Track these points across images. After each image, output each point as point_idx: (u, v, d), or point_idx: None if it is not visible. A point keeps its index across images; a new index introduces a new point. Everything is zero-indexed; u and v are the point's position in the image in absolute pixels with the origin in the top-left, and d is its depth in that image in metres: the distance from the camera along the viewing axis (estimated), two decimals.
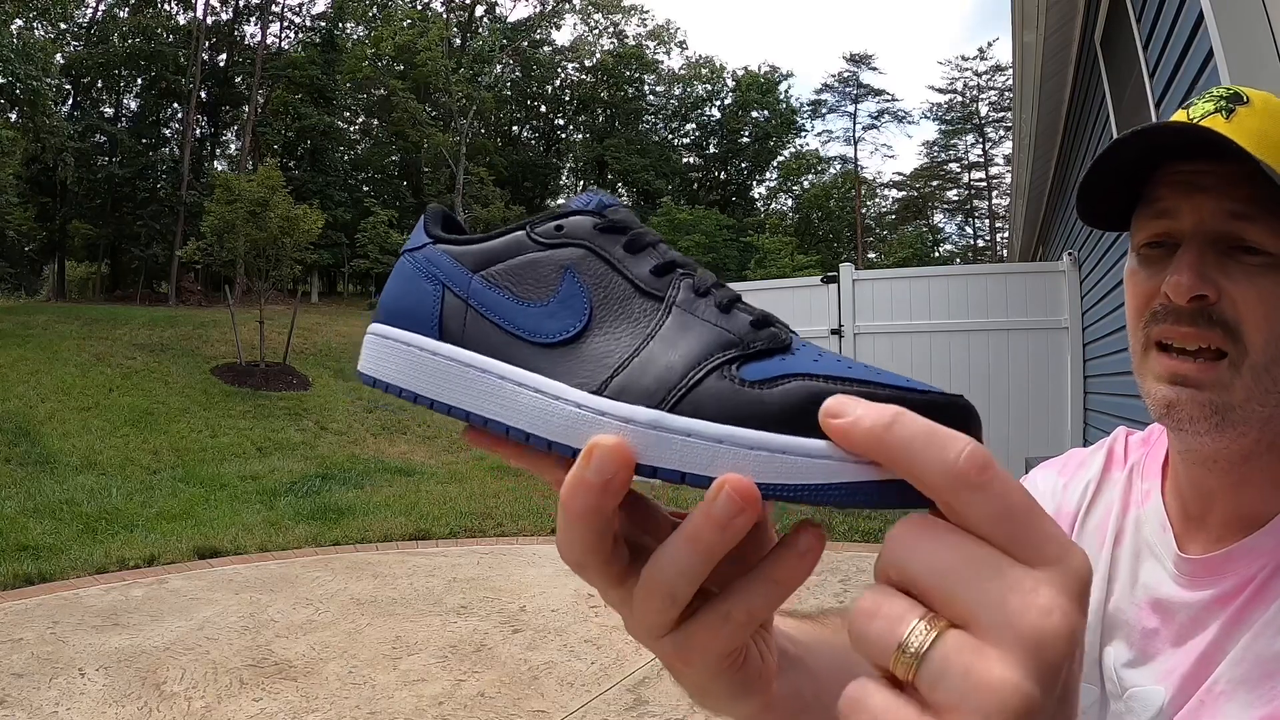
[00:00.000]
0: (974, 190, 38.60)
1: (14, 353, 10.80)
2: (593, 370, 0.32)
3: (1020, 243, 10.06)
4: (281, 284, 14.07)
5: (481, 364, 0.34)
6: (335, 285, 30.68)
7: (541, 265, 0.35)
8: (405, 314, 0.37)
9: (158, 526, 6.05)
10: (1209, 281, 0.54)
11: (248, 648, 3.66)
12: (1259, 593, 0.55)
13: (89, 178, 24.65)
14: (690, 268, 0.35)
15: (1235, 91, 0.59)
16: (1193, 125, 0.54)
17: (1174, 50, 2.62)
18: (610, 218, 0.36)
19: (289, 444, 9.53)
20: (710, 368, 0.30)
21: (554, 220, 0.36)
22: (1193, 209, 0.56)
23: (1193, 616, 0.59)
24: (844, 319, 7.02)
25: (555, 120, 38.91)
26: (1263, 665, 0.52)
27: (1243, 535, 0.58)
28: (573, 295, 0.34)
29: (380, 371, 0.37)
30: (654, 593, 0.30)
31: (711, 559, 0.28)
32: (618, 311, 0.33)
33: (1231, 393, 0.54)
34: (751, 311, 0.33)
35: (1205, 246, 0.55)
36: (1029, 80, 5.57)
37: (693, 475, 0.29)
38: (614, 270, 0.34)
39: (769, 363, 0.30)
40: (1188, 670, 0.58)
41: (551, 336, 0.33)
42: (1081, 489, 0.73)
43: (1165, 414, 0.56)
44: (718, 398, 0.29)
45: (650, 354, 0.31)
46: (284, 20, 30.25)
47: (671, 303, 0.33)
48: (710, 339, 0.31)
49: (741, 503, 0.27)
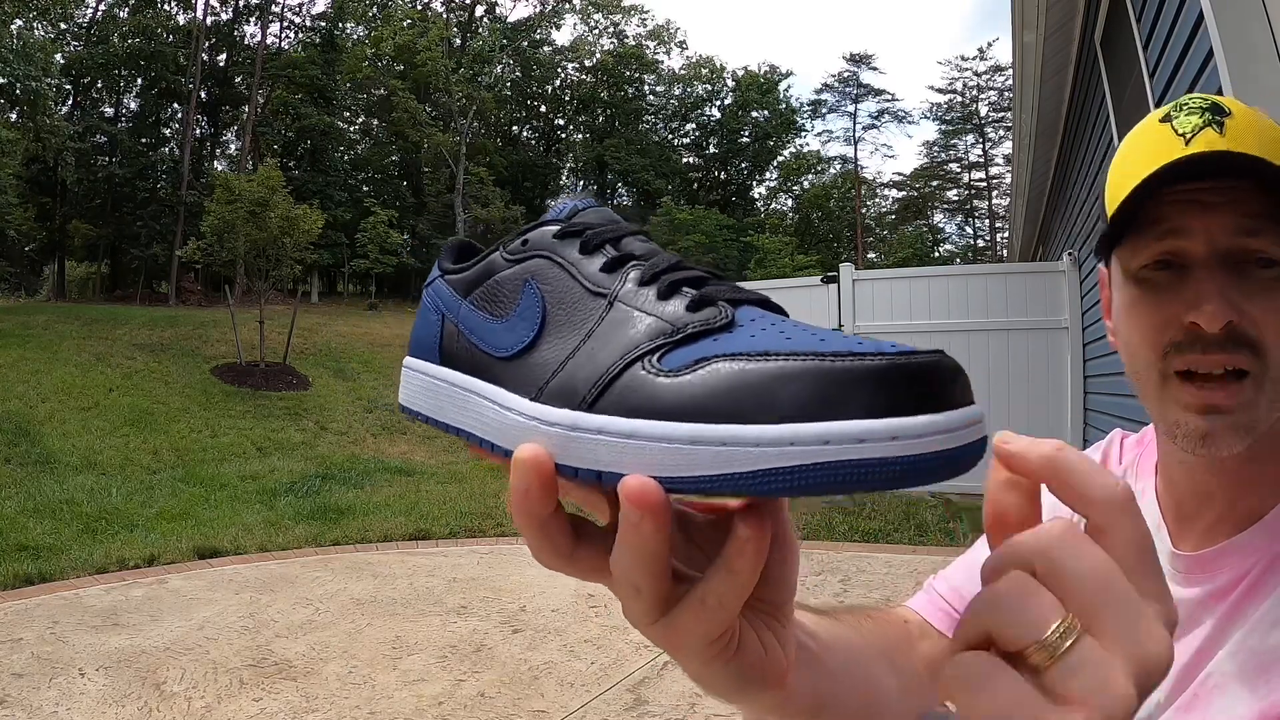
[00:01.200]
0: (974, 190, 38.61)
1: (14, 353, 10.80)
2: (535, 377, 0.32)
3: (1020, 243, 10.07)
4: (281, 284, 14.07)
5: (463, 383, 0.36)
6: (335, 285, 30.67)
7: (508, 282, 0.36)
8: (421, 344, 0.39)
9: (158, 526, 6.05)
10: (1234, 307, 0.53)
11: (248, 648, 3.66)
12: (1253, 588, 0.56)
13: (89, 178, 24.66)
14: (646, 258, 0.34)
15: (1213, 102, 0.57)
16: (1220, 153, 0.53)
17: (1174, 50, 2.62)
18: (573, 221, 0.36)
19: (289, 444, 9.53)
20: (632, 359, 0.29)
21: (522, 235, 0.37)
22: (1204, 228, 0.54)
23: (1187, 613, 0.59)
24: (844, 319, 7.02)
25: (555, 120, 38.91)
26: (1257, 659, 0.52)
27: (1236, 531, 0.58)
28: (529, 307, 0.34)
29: (408, 399, 0.39)
30: (621, 587, 0.31)
31: (649, 557, 0.28)
32: (567, 316, 0.33)
33: (1257, 410, 0.54)
34: (697, 293, 0.31)
35: (1223, 271, 0.54)
36: (1029, 80, 5.57)
37: (608, 474, 0.28)
38: (567, 274, 0.34)
39: (696, 346, 0.29)
40: (1182, 665, 0.58)
41: (509, 349, 0.34)
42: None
43: (1200, 445, 0.55)
44: (633, 390, 0.28)
45: (584, 353, 0.31)
46: (284, 20, 30.26)
47: (614, 297, 0.32)
48: (642, 329, 0.30)
49: (640, 507, 0.27)
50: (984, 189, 38.10)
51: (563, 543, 0.31)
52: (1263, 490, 0.58)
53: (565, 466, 0.29)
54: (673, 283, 0.32)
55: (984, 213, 39.01)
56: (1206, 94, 0.58)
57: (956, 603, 0.72)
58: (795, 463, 0.24)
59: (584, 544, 0.32)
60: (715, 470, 0.25)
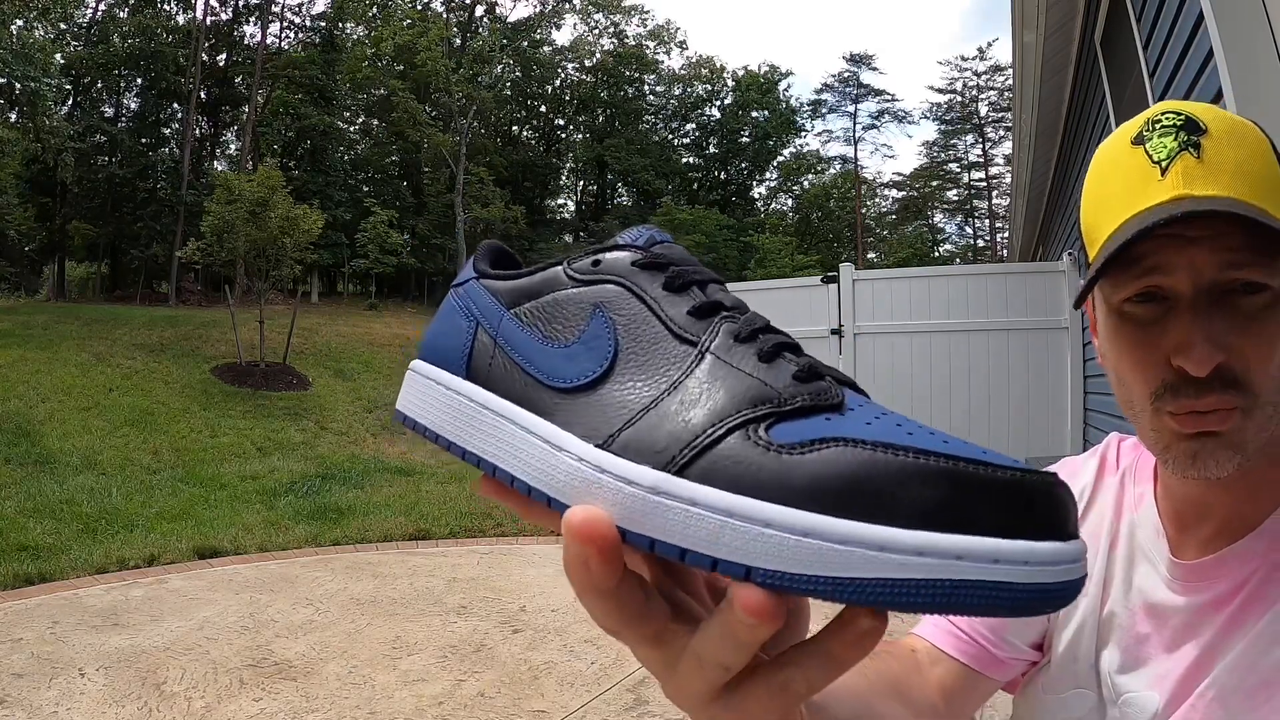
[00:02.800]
0: (974, 190, 38.60)
1: (14, 353, 10.80)
2: (603, 420, 0.28)
3: (1020, 243, 10.06)
4: (281, 284, 14.07)
5: (497, 406, 0.31)
6: (335, 285, 30.66)
7: (572, 303, 0.32)
8: (439, 350, 0.35)
9: (158, 526, 6.05)
10: (1222, 347, 0.52)
11: (248, 648, 3.66)
12: (1253, 598, 0.55)
13: (89, 178, 24.63)
14: (736, 311, 0.31)
15: (1187, 117, 0.55)
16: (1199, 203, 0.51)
17: (1174, 50, 2.62)
18: (655, 253, 0.33)
19: (289, 444, 9.53)
20: (733, 425, 0.26)
21: (593, 255, 0.33)
22: (1187, 265, 0.53)
23: (1186, 621, 0.59)
24: (844, 319, 7.01)
25: (555, 120, 38.89)
26: (1258, 674, 0.52)
27: (1235, 539, 0.58)
28: (598, 337, 0.31)
29: (413, 410, 0.35)
30: (700, 664, 0.27)
31: (749, 649, 0.26)
32: (645, 356, 0.30)
33: (1246, 433, 0.53)
34: (800, 362, 0.29)
35: (1209, 310, 0.53)
36: (1029, 80, 5.57)
37: (694, 554, 0.25)
38: (648, 310, 0.31)
39: (808, 422, 0.26)
40: (1181, 676, 0.58)
41: (569, 381, 0.30)
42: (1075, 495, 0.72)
43: (1190, 465, 0.55)
44: (736, 461, 0.25)
45: (670, 405, 0.27)
46: (284, 20, 30.23)
47: (705, 349, 0.29)
48: (742, 391, 0.27)
49: (759, 620, 0.24)
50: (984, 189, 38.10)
51: (633, 605, 0.27)
52: (1258, 494, 0.58)
53: (639, 535, 0.26)
54: (775, 345, 0.29)
55: (984, 213, 39.02)
56: (1182, 105, 0.56)
57: (964, 624, 0.72)
58: (923, 576, 0.22)
59: (652, 604, 0.28)
60: (831, 572, 0.23)
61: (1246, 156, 0.53)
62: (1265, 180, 0.53)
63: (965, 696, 0.71)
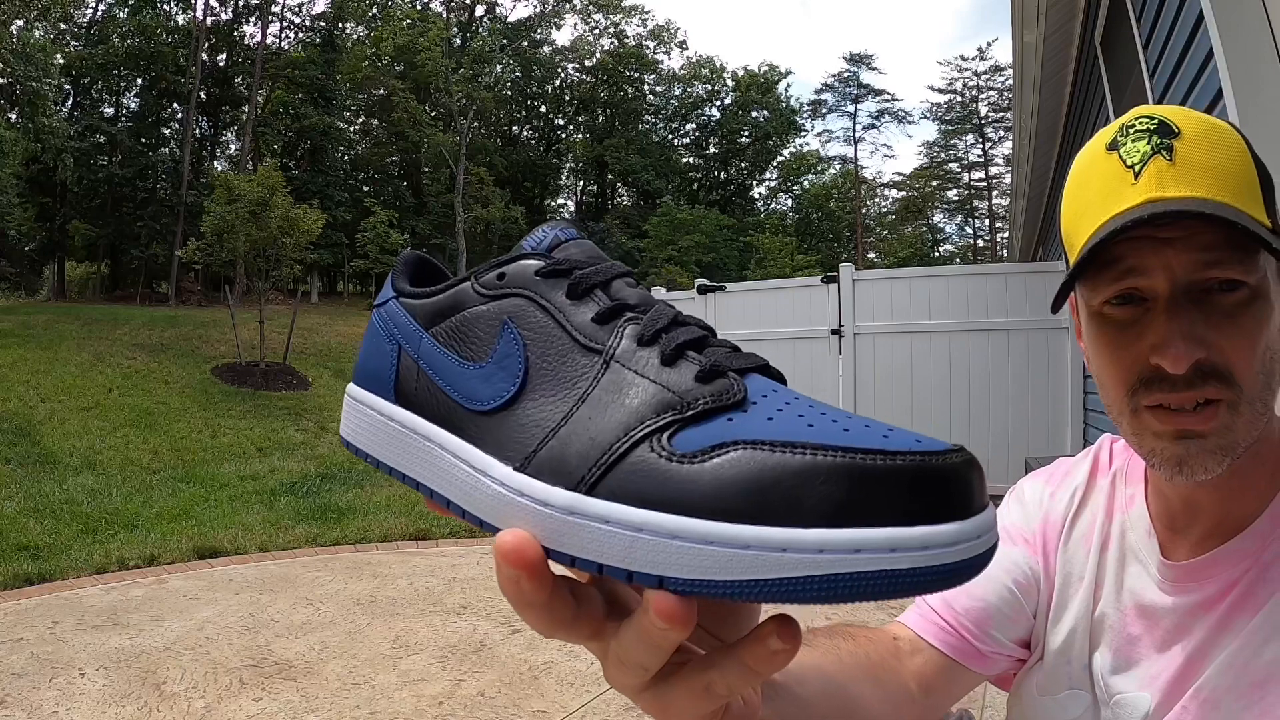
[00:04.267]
0: (974, 190, 38.61)
1: (14, 353, 10.80)
2: (520, 441, 0.28)
3: (1020, 243, 10.07)
4: (281, 284, 14.07)
5: (425, 431, 0.31)
6: (335, 285, 30.68)
7: (482, 320, 0.31)
8: (370, 374, 0.34)
9: (158, 526, 6.05)
10: (1199, 343, 0.52)
11: (248, 648, 3.66)
12: (1243, 598, 0.56)
13: (89, 178, 24.63)
14: (641, 310, 0.30)
15: (1160, 121, 0.55)
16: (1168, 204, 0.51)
17: (1174, 50, 2.62)
18: (557, 258, 0.32)
19: (289, 444, 9.53)
20: (638, 437, 0.26)
21: (497, 268, 0.32)
22: (1163, 265, 0.54)
23: (1177, 622, 0.59)
24: (844, 319, 7.01)
25: (555, 120, 38.89)
26: (1250, 674, 0.52)
27: (1225, 539, 0.58)
28: (509, 354, 0.30)
29: (350, 434, 0.35)
30: (622, 663, 0.29)
31: (666, 650, 0.28)
32: (554, 371, 0.29)
33: (1234, 432, 0.53)
34: (703, 360, 0.28)
35: (1186, 307, 0.53)
36: (1029, 80, 5.57)
37: (610, 568, 0.25)
38: (553, 321, 0.30)
39: (709, 426, 0.26)
40: (1172, 675, 0.58)
41: (485, 403, 0.30)
42: (1068, 497, 0.73)
43: (1177, 470, 0.55)
44: (643, 475, 0.25)
45: (578, 421, 0.27)
46: (284, 20, 30.24)
47: (610, 357, 0.29)
48: (645, 400, 0.27)
49: (671, 623, 0.25)
50: (984, 189, 38.11)
51: (564, 614, 0.29)
52: (1247, 495, 0.58)
53: (559, 553, 0.26)
54: (678, 346, 0.29)
55: (984, 213, 39.02)
56: (1157, 109, 0.57)
57: (948, 615, 0.72)
58: (824, 571, 0.23)
59: (584, 607, 0.30)
60: (739, 575, 0.23)
61: (1221, 158, 0.54)
62: (1238, 180, 0.53)
63: (945, 687, 0.70)
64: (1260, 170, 0.55)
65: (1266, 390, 0.54)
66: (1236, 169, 0.54)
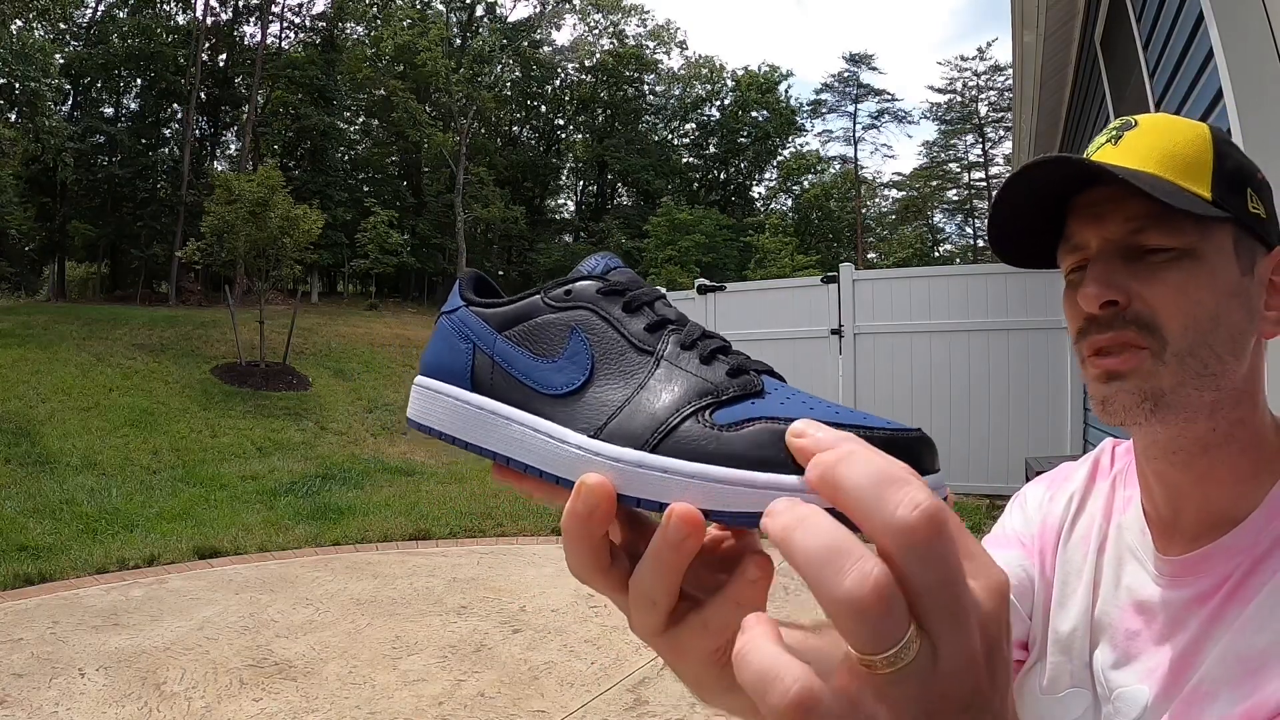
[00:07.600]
0: (974, 190, 38.57)
1: (14, 353, 10.80)
2: (593, 416, 0.37)
3: None
4: (281, 284, 14.08)
5: (505, 412, 0.39)
6: (335, 285, 30.66)
7: (552, 326, 0.40)
8: (444, 368, 0.43)
9: (158, 526, 6.05)
10: (1116, 288, 0.58)
11: (248, 648, 3.66)
12: (1236, 590, 0.57)
13: (89, 178, 24.63)
14: (680, 324, 0.39)
15: (1126, 120, 0.63)
16: (1068, 159, 0.58)
17: (1174, 50, 2.62)
18: (612, 280, 0.41)
19: (289, 444, 9.54)
20: (688, 413, 0.34)
21: (563, 286, 0.41)
22: (1097, 234, 0.61)
23: (1173, 616, 0.61)
24: (844, 319, 7.02)
25: (555, 120, 38.88)
26: (1244, 663, 0.53)
27: (1219, 535, 0.59)
28: (578, 352, 0.39)
29: (425, 418, 0.43)
30: (638, 600, 0.35)
31: (674, 572, 0.33)
32: (615, 365, 0.38)
33: (1159, 379, 0.57)
34: (730, 361, 0.37)
35: (1111, 259, 0.60)
36: (1029, 80, 5.57)
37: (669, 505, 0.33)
38: (613, 328, 0.39)
39: (739, 407, 0.34)
40: (1169, 668, 0.59)
41: (560, 389, 0.38)
42: (1066, 501, 0.75)
43: (1102, 409, 0.60)
44: (692, 439, 0.33)
45: (639, 402, 0.36)
46: (284, 20, 30.21)
47: (660, 356, 0.38)
48: (690, 387, 0.36)
49: (686, 526, 0.31)
50: (984, 189, 38.07)
51: (605, 559, 0.36)
52: (1230, 486, 0.59)
53: (628, 496, 0.34)
54: (712, 350, 0.37)
55: (984, 213, 38.96)
56: (1137, 116, 0.63)
57: None
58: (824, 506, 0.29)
59: (616, 563, 0.36)
60: (756, 508, 0.30)
61: (1165, 141, 0.60)
62: (1179, 159, 0.59)
63: None
64: (1221, 157, 0.59)
65: (1205, 350, 0.57)
66: (1179, 150, 0.59)
